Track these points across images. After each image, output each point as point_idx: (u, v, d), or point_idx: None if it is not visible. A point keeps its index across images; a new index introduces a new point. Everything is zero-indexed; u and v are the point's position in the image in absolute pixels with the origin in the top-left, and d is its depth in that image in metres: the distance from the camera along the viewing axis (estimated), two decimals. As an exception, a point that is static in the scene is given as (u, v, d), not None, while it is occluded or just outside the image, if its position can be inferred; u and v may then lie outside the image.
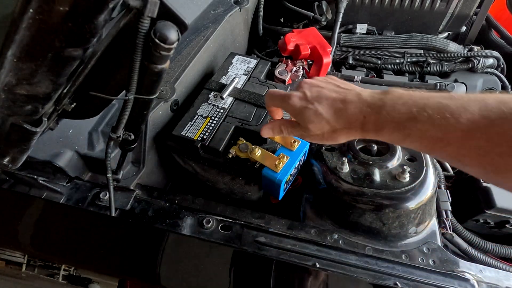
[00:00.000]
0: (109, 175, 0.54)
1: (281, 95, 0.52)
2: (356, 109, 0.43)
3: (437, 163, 0.75)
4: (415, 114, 0.38)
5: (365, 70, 1.10)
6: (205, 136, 0.66)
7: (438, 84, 1.00)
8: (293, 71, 0.83)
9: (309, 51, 0.83)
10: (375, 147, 0.65)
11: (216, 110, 0.71)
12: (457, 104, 0.36)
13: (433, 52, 1.09)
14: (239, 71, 0.81)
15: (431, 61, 1.08)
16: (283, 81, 0.82)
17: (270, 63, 0.85)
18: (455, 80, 1.07)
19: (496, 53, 1.06)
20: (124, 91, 0.42)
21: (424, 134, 0.38)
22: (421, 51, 1.10)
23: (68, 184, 0.61)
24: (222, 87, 0.75)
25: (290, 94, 0.51)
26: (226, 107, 0.72)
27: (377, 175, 0.60)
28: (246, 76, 0.80)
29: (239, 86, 0.77)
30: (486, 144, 0.34)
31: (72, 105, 0.46)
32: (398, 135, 0.40)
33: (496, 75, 1.06)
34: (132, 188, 0.63)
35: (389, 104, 0.41)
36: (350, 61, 1.11)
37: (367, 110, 0.42)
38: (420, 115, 0.38)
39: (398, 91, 0.42)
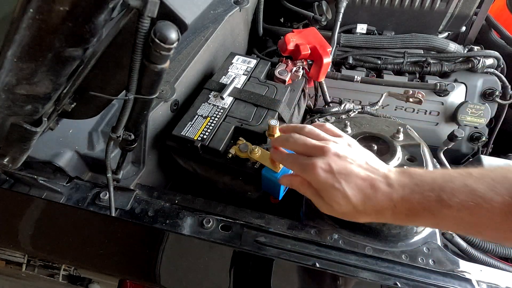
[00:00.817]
0: (109, 175, 0.54)
1: (302, 164, 0.47)
2: (386, 198, 0.42)
3: (437, 163, 0.75)
4: (447, 201, 0.38)
5: (365, 70, 1.10)
6: (205, 136, 0.66)
7: (438, 84, 1.00)
8: (293, 71, 0.83)
9: (309, 51, 0.83)
10: (375, 147, 0.65)
11: (216, 110, 0.71)
12: (484, 187, 0.36)
13: (433, 52, 1.09)
14: (239, 71, 0.81)
15: (431, 61, 1.08)
16: (283, 81, 0.81)
17: (270, 63, 0.85)
18: (455, 80, 1.07)
19: (496, 53, 1.06)
20: (124, 91, 0.42)
21: (460, 221, 0.38)
22: (421, 51, 1.10)
23: (68, 184, 0.61)
24: (222, 87, 0.75)
25: (313, 163, 0.45)
26: (226, 107, 0.72)
27: (377, 175, 0.60)
28: (246, 76, 0.80)
29: (239, 86, 0.77)
30: None
31: (72, 105, 0.46)
32: (433, 222, 0.41)
33: (496, 75, 1.06)
34: (132, 188, 0.63)
35: (417, 191, 0.40)
36: (350, 61, 1.11)
37: (397, 199, 0.41)
38: (452, 201, 0.38)
39: (419, 174, 0.42)
